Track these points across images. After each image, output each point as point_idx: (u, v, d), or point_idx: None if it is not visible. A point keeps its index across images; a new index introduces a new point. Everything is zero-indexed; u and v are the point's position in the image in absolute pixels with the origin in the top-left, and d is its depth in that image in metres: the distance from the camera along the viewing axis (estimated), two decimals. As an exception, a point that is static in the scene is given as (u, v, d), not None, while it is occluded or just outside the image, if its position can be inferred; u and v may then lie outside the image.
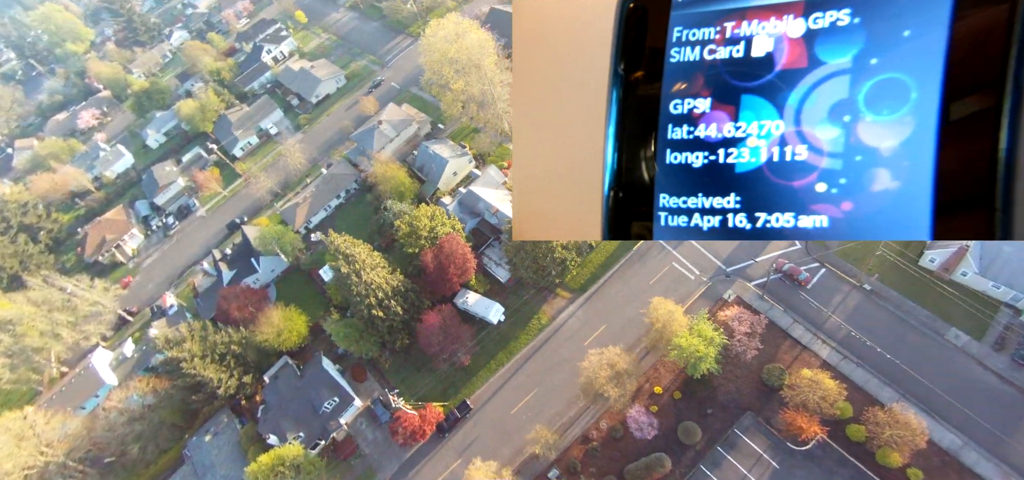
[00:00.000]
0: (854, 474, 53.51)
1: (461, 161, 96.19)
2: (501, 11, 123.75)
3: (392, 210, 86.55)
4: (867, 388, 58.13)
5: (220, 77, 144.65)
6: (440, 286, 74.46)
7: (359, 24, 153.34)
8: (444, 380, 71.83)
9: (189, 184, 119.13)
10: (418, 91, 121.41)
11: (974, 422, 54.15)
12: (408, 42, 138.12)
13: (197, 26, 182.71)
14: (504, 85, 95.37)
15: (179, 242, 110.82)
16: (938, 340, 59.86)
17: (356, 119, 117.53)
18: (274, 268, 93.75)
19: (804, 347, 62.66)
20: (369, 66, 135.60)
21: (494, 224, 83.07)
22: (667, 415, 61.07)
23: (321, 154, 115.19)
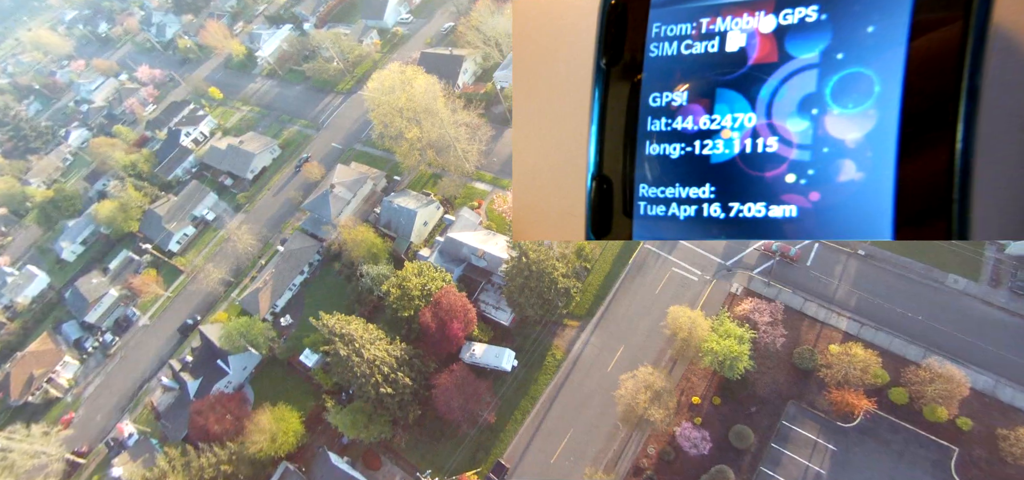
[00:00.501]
0: (908, 437, 52.71)
1: (429, 210, 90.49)
2: (432, 54, 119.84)
3: (370, 275, 79.44)
4: (892, 350, 58.03)
5: (137, 170, 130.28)
6: (444, 344, 68.19)
7: (281, 91, 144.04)
8: (470, 445, 65.28)
9: (124, 292, 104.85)
10: (363, 147, 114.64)
11: (997, 358, 55.07)
12: (339, 101, 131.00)
13: (97, 121, 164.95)
14: (459, 125, 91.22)
15: (124, 360, 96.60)
16: (940, 288, 61.11)
17: (303, 187, 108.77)
18: (246, 365, 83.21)
19: (822, 323, 62.07)
20: (303, 131, 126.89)
21: (483, 267, 77.93)
22: (712, 423, 58.14)
23: (271, 231, 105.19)
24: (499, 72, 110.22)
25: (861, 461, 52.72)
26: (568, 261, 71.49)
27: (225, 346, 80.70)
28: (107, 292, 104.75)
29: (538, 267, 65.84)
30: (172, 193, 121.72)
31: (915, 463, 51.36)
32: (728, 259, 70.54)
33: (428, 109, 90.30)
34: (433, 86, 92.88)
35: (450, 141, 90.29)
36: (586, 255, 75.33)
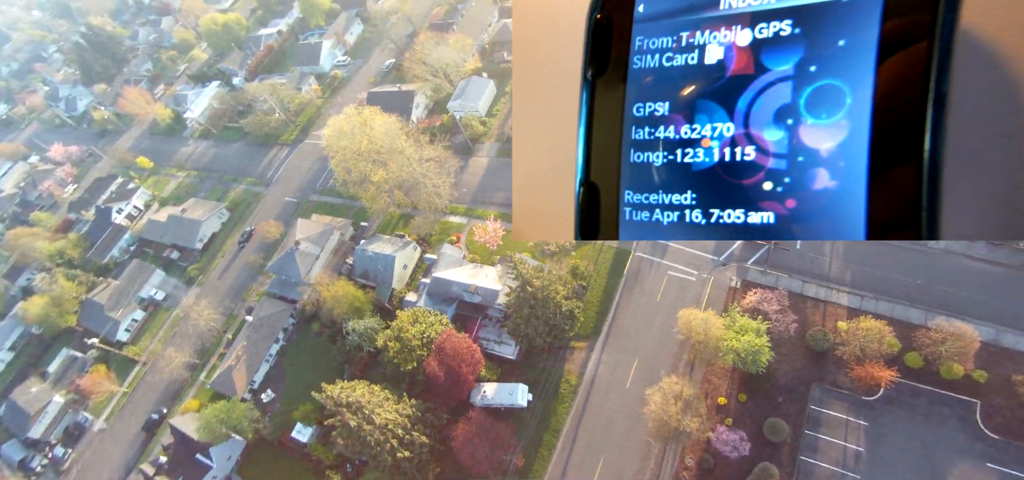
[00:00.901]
0: (931, 399, 53.23)
1: (407, 252, 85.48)
2: (381, 92, 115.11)
3: (358, 331, 73.51)
4: (896, 316, 58.90)
5: (66, 258, 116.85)
6: (454, 391, 63.50)
7: (218, 150, 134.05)
8: (500, 492, 60.81)
9: (71, 397, 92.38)
10: (320, 197, 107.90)
11: (991, 307, 56.92)
12: (284, 153, 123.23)
13: (9, 211, 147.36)
14: (427, 161, 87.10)
15: (82, 473, 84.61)
16: (924, 249, 63.00)
17: (262, 249, 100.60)
18: (231, 455, 74.60)
19: (825, 302, 62.45)
20: (251, 189, 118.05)
21: (478, 302, 73.80)
22: (744, 422, 56.72)
23: (234, 301, 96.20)
24: (453, 102, 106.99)
25: (892, 431, 52.73)
26: (566, 282, 68.81)
27: (204, 437, 72.09)
28: (51, 400, 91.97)
29: (543, 293, 62.77)
30: (111, 277, 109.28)
31: (943, 422, 51.87)
32: (721, 254, 70.18)
33: (392, 148, 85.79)
34: (393, 124, 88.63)
35: (419, 178, 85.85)
36: (581, 273, 72.93)
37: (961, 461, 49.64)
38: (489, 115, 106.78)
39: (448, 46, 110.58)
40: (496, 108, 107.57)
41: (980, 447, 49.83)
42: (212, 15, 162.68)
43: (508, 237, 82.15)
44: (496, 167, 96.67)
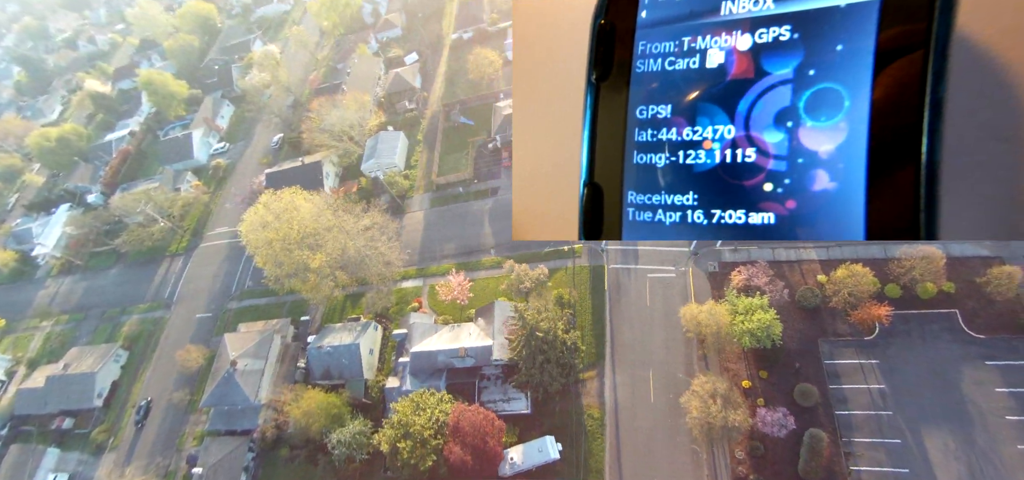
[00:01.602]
0: (919, 320, 56.89)
1: (369, 335, 75.55)
2: (282, 171, 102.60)
3: (344, 441, 62.93)
4: (861, 255, 62.55)
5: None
6: (484, 469, 56.17)
7: (90, 282, 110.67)
8: (563, 561, 54.46)
9: None
10: (239, 303, 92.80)
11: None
12: (179, 264, 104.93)
13: None
14: (369, 230, 78.13)
15: None
16: (860, 190, 68.08)
17: (182, 383, 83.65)
18: None
19: (798, 262, 64.85)
20: (148, 317, 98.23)
21: (470, 365, 66.70)
22: (774, 397, 56.42)
23: (166, 456, 78.48)
24: (366, 163, 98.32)
25: (901, 361, 55.39)
26: (560, 315, 64.54)
27: None
28: None
29: (549, 335, 57.95)
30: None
31: (936, 337, 55.54)
32: (690, 243, 70.44)
33: (326, 226, 75.75)
34: (320, 200, 78.70)
35: (363, 251, 76.49)
36: (567, 301, 69.12)
37: (964, 367, 53.27)
38: (409, 167, 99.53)
39: (345, 107, 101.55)
40: (414, 159, 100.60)
41: (974, 349, 53.92)
42: (40, 131, 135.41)
43: (477, 287, 75.98)
44: (434, 218, 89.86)
